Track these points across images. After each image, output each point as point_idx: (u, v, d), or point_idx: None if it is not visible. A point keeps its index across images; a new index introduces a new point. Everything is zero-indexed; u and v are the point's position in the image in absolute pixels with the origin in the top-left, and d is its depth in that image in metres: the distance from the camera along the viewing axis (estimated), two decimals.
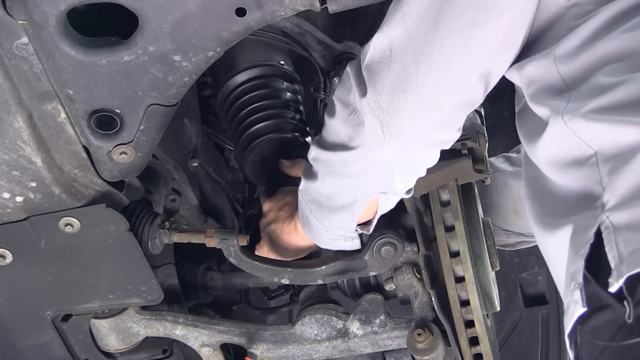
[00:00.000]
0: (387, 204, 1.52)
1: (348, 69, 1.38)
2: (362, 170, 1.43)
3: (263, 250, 1.77)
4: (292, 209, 1.68)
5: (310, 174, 1.51)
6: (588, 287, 1.14)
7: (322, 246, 1.66)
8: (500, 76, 1.35)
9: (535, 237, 1.45)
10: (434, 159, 1.44)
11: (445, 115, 1.35)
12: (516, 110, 1.49)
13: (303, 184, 1.54)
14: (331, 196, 1.50)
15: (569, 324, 1.18)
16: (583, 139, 1.20)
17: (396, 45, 1.28)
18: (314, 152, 1.48)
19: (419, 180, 1.58)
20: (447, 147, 1.43)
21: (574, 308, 1.16)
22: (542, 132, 1.27)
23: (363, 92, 1.33)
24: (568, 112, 1.22)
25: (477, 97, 1.34)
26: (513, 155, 2.10)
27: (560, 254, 1.27)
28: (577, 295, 1.15)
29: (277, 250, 1.74)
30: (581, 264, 1.16)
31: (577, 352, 1.20)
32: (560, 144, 1.25)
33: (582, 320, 1.15)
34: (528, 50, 1.35)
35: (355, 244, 1.63)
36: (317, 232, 1.58)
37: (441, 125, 1.36)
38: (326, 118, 1.44)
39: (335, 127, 1.41)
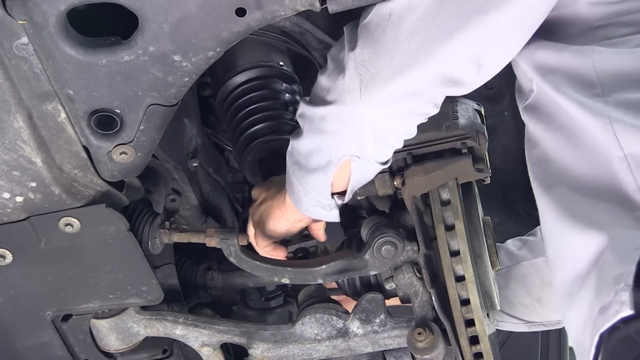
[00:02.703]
0: (361, 172, 1.51)
1: (345, 27, 1.40)
2: (337, 128, 1.43)
3: (250, 235, 1.75)
4: (280, 186, 1.67)
5: (296, 133, 1.52)
6: (637, 292, 1.17)
7: (303, 212, 1.62)
8: (497, 65, 1.36)
9: (547, 233, 1.46)
10: (409, 130, 1.44)
11: (424, 87, 1.35)
12: (522, 106, 1.50)
13: (290, 145, 1.54)
14: (308, 156, 1.50)
15: (607, 322, 1.21)
16: (620, 141, 1.23)
17: (396, 12, 1.30)
18: (300, 108, 1.49)
19: (420, 179, 1.59)
20: (423, 121, 1.43)
21: (619, 308, 1.19)
22: (577, 127, 1.30)
23: (352, 48, 1.35)
24: (613, 117, 1.27)
25: (463, 78, 1.34)
26: (530, 238, 2.09)
27: (581, 252, 1.30)
28: (625, 297, 1.19)
29: (265, 230, 1.71)
30: (632, 268, 1.19)
31: (606, 350, 1.22)
32: (595, 139, 1.28)
33: (624, 322, 1.18)
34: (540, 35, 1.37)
35: (334, 215, 1.60)
36: (298, 196, 1.57)
37: (417, 95, 1.36)
38: (318, 74, 1.45)
39: (321, 81, 1.43)
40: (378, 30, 1.31)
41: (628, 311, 1.17)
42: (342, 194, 1.56)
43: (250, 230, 1.76)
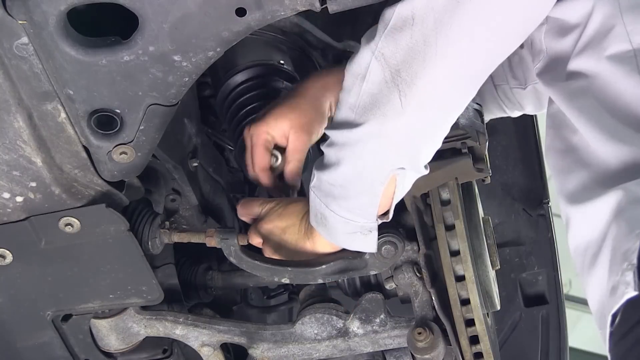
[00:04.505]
0: (405, 183, 1.46)
1: (363, 39, 1.34)
2: (380, 146, 1.37)
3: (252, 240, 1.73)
4: (299, 213, 1.63)
5: (324, 165, 1.45)
6: None
7: (338, 243, 1.58)
8: (524, 34, 1.32)
9: (562, 210, 1.43)
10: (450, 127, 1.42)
11: (464, 84, 1.32)
12: (537, 72, 1.49)
13: (316, 180, 1.48)
14: (345, 185, 1.43)
15: (615, 304, 1.18)
16: None
17: (418, 14, 1.24)
18: (330, 137, 1.42)
19: (419, 179, 1.59)
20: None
21: (625, 289, 1.16)
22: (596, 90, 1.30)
23: (381, 60, 1.30)
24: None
25: (496, 63, 1.31)
26: None
27: (594, 223, 1.27)
28: (630, 277, 1.15)
29: (286, 256, 1.69)
30: (637, 244, 1.15)
31: (617, 333, 1.19)
32: (626, 102, 1.27)
33: (630, 303, 1.15)
34: None
35: (372, 240, 1.55)
36: (334, 228, 1.51)
37: (460, 93, 1.33)
38: (340, 95, 1.39)
39: (348, 101, 1.36)
40: (405, 37, 1.26)
41: (632, 292, 1.14)
42: (384, 213, 1.52)
43: (255, 240, 1.72)
